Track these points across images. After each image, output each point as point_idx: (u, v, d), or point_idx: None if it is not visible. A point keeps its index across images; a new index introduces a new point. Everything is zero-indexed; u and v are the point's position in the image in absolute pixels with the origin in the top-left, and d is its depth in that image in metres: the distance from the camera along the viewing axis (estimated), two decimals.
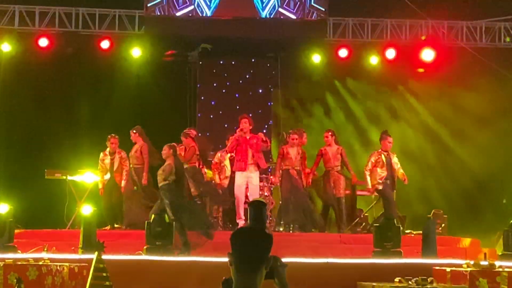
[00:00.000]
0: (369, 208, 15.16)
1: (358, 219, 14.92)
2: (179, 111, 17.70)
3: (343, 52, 17.19)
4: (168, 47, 17.64)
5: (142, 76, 17.28)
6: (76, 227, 13.63)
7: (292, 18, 16.97)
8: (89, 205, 12.13)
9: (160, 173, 12.40)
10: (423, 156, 17.42)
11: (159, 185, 12.36)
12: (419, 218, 14.06)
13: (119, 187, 14.34)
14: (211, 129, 17.44)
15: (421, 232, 12.74)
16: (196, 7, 16.82)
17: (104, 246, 7.87)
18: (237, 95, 18.06)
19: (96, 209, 12.15)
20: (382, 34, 17.29)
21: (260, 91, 18.16)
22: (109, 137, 14.47)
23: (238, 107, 17.43)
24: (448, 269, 10.25)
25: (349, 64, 17.41)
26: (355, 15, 17.28)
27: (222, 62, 18.17)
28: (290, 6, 16.92)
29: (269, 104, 18.12)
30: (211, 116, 17.92)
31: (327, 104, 18.16)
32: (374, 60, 17.38)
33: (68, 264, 9.88)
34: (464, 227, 15.54)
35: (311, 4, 16.87)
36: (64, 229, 14.10)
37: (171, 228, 11.76)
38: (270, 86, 18.20)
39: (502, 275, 9.84)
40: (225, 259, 3.88)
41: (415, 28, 17.34)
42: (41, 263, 9.72)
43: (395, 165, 14.18)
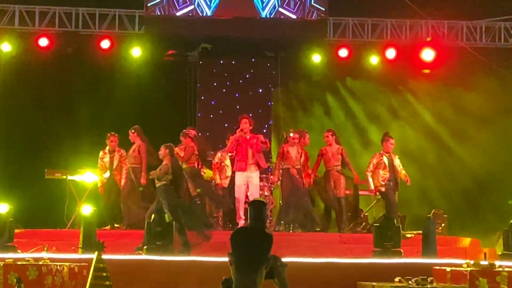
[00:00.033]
0: (369, 208, 15.16)
1: (358, 219, 14.92)
2: (179, 111, 17.69)
3: (343, 52, 17.18)
4: (168, 47, 17.63)
5: (142, 76, 17.26)
6: (76, 227, 13.62)
7: (292, 18, 16.96)
8: (89, 205, 12.12)
9: (152, 172, 12.42)
10: (423, 156, 17.41)
11: (156, 185, 12.35)
12: (419, 218, 14.05)
13: (118, 186, 14.32)
14: (211, 129, 17.43)
15: (421, 232, 12.74)
16: (196, 7, 16.81)
17: (104, 246, 7.87)
18: (237, 95, 18.03)
19: (96, 209, 12.15)
20: (382, 34, 17.29)
21: (260, 91, 18.13)
22: (108, 135, 14.47)
23: (238, 107, 17.41)
24: (448, 269, 10.25)
25: (349, 64, 17.40)
26: (355, 15, 17.27)
27: (222, 62, 18.15)
28: (290, 6, 16.91)
29: (269, 104, 18.09)
30: (211, 116, 17.89)
31: (327, 104, 18.16)
32: (374, 60, 17.37)
33: (68, 264, 9.88)
34: (464, 227, 15.56)
35: (311, 4, 16.85)
36: (64, 229, 14.10)
37: (171, 228, 11.76)
38: (270, 86, 18.18)
39: (502, 275, 9.84)
40: (225, 259, 3.89)
41: (415, 28, 17.33)
42: (41, 263, 9.71)
43: (398, 166, 14.16)
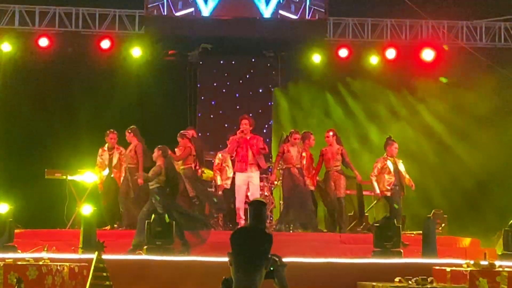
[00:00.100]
0: (369, 208, 15.14)
1: (362, 221, 14.88)
2: (179, 111, 17.69)
3: (343, 52, 17.18)
4: (168, 47, 17.63)
5: (142, 76, 17.26)
6: (76, 227, 13.61)
7: (292, 18, 16.95)
8: (89, 205, 12.12)
9: (142, 174, 12.42)
10: (423, 156, 17.40)
11: (150, 187, 12.30)
12: (419, 218, 14.05)
13: (117, 185, 14.27)
14: (211, 129, 17.43)
15: (421, 232, 12.73)
16: (196, 7, 16.82)
17: (104, 246, 7.87)
18: (237, 95, 18.03)
19: (96, 209, 12.15)
20: (382, 34, 17.29)
21: (260, 91, 18.14)
22: (107, 132, 14.42)
23: (238, 107, 17.42)
24: (448, 269, 10.24)
25: (349, 64, 17.40)
26: (355, 15, 17.27)
27: (222, 62, 18.15)
28: (290, 6, 16.91)
29: (269, 104, 18.10)
30: (211, 116, 17.89)
31: (327, 104, 18.16)
32: (374, 60, 17.37)
33: (68, 264, 9.87)
34: (464, 227, 15.54)
35: (311, 4, 16.86)
36: (64, 229, 14.09)
37: (171, 228, 11.74)
38: (270, 86, 18.18)
39: (502, 275, 9.83)
40: (225, 259, 3.89)
41: (415, 28, 17.33)
42: (41, 263, 9.71)
43: (403, 172, 14.09)
